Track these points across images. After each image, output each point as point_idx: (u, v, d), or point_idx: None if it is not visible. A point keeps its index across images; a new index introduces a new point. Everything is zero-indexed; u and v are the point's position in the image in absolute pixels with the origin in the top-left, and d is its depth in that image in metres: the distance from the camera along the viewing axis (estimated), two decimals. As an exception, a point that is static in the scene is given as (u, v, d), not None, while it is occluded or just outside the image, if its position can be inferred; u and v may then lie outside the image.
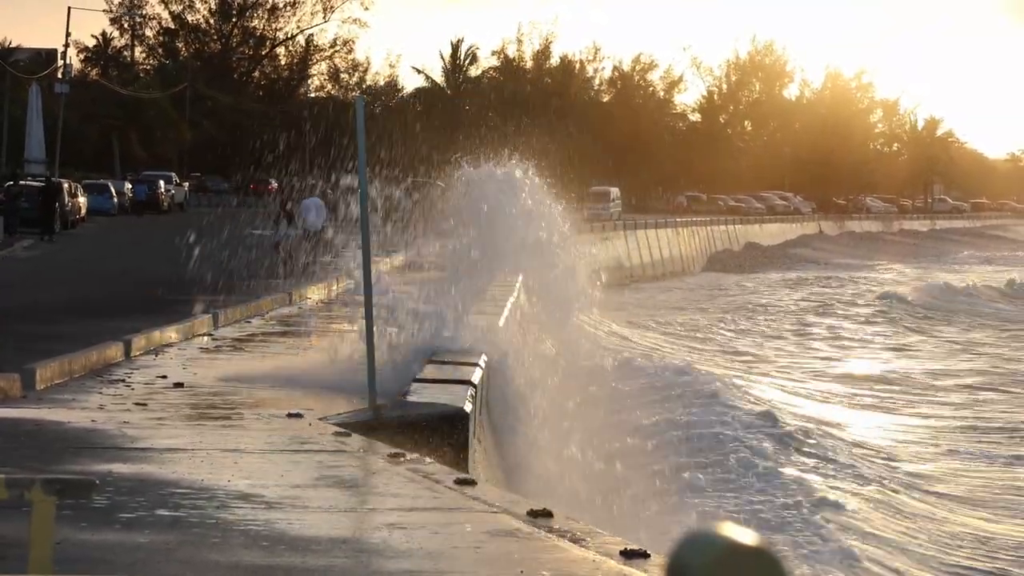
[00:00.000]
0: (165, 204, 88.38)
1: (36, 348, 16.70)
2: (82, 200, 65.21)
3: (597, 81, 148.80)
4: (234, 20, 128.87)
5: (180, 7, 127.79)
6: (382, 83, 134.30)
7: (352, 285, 20.56)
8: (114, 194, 78.90)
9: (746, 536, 1.98)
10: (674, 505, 21.07)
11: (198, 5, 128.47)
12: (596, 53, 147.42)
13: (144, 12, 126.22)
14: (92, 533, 8.41)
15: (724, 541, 1.92)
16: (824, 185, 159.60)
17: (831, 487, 23.70)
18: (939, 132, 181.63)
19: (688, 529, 1.91)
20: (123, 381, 15.77)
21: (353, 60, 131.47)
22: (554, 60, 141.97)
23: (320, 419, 13.37)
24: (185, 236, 23.55)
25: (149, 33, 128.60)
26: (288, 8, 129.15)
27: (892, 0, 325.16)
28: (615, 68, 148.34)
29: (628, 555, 8.29)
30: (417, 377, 15.22)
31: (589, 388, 23.63)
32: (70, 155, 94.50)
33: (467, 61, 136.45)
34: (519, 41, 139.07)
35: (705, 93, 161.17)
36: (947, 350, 50.63)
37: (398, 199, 19.57)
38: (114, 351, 17.58)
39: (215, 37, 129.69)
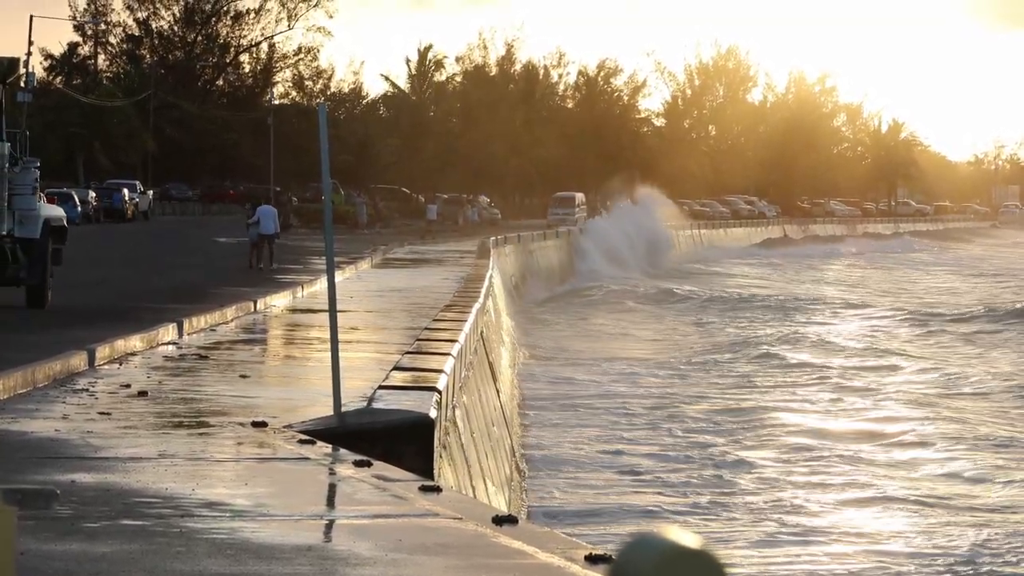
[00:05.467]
0: (129, 212, 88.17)
1: (-1, 358, 16.63)
2: (46, 209, 64.82)
3: (562, 87, 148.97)
4: (199, 27, 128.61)
5: (145, 14, 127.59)
6: (346, 90, 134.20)
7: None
8: (78, 203, 78.61)
9: (690, 539, 2.01)
10: None
11: (163, 12, 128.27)
12: (561, 59, 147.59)
13: (109, 19, 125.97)
14: (55, 543, 8.39)
15: (668, 544, 1.94)
16: (788, 189, 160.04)
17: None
18: (902, 135, 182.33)
19: (633, 532, 1.94)
20: (87, 390, 15.72)
21: (317, 67, 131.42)
22: (518, 66, 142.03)
23: (285, 427, 13.34)
24: (149, 245, 23.54)
25: (113, 40, 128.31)
26: (252, 16, 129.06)
27: (856, 3, 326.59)
28: (580, 73, 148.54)
29: (593, 560, 8.31)
30: (383, 384, 15.22)
31: None
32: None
33: (432, 68, 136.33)
34: (483, 47, 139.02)
35: (669, 98, 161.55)
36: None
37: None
38: (78, 360, 17.52)
39: (179, 44, 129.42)
